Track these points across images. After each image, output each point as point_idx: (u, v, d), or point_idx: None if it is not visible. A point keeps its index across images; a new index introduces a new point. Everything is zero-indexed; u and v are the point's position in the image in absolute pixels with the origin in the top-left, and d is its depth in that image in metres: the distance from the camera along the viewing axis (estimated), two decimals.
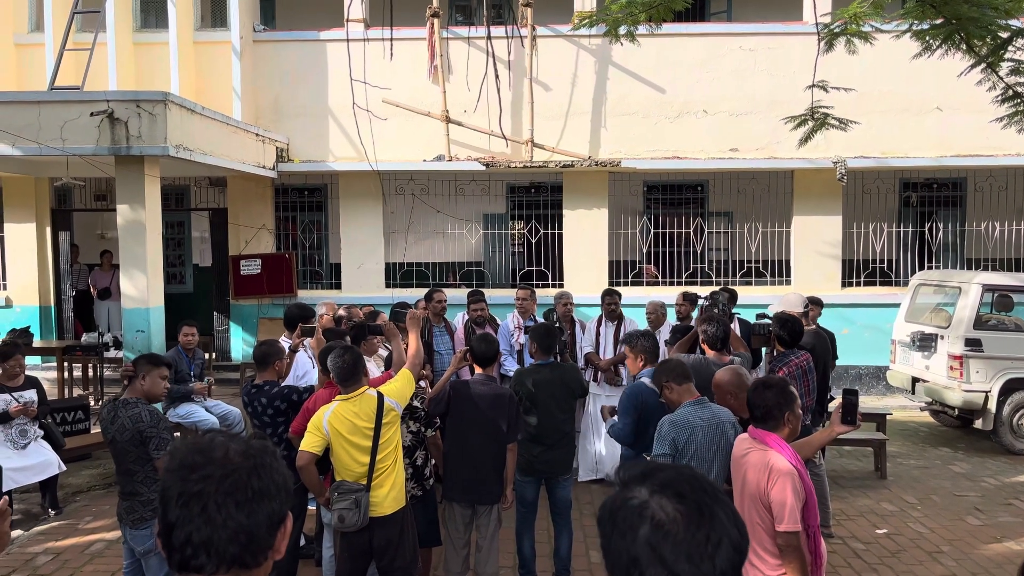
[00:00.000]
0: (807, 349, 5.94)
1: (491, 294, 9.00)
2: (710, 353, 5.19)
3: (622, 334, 7.49)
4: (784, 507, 3.09)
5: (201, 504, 1.29)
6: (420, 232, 11.89)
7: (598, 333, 7.56)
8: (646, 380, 4.73)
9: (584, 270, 11.39)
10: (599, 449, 7.36)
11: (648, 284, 11.69)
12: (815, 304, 7.47)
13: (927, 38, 6.44)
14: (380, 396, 4.17)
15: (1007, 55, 6.55)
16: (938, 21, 6.21)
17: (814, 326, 6.57)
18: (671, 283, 11.47)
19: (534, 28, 11.21)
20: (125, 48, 11.20)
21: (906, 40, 6.89)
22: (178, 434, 7.04)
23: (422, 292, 8.27)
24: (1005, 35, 6.29)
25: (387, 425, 4.14)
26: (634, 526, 1.20)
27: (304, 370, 5.85)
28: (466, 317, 7.52)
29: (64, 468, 6.58)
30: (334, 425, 4.08)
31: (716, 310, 5.84)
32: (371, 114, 11.09)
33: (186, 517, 1.30)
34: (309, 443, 4.11)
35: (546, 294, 10.18)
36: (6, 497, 1.78)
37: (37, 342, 10.59)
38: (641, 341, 5.11)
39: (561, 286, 11.06)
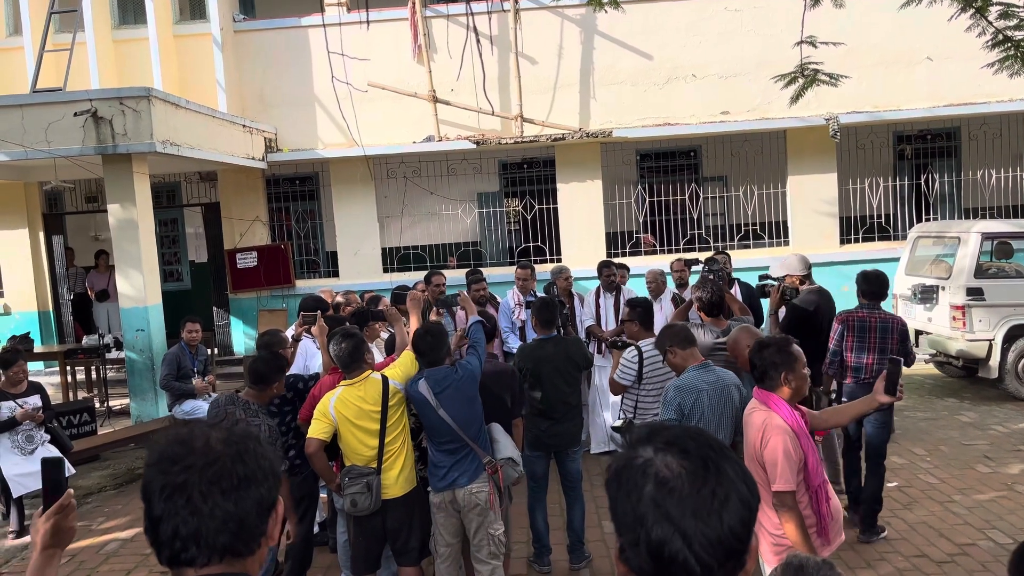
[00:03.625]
0: (812, 310, 5.91)
1: (489, 273, 8.97)
2: (706, 319, 5.14)
3: (622, 304, 7.47)
4: (775, 466, 3.08)
5: (186, 495, 1.26)
6: (414, 215, 11.83)
7: (598, 305, 7.55)
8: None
9: (581, 243, 11.34)
10: (609, 420, 7.36)
11: (646, 253, 11.65)
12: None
13: None
14: (384, 379, 4.16)
15: None
16: None
17: (816, 285, 6.54)
18: (669, 251, 11.42)
19: (517, 1, 11.08)
20: (105, 46, 11.06)
21: None
22: None
23: (420, 275, 8.23)
24: None
25: (394, 407, 4.14)
26: (639, 484, 1.18)
27: (311, 358, 5.85)
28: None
29: (73, 471, 6.59)
30: (340, 410, 4.08)
31: (712, 275, 5.80)
32: (352, 87, 10.94)
33: (171, 510, 1.26)
34: (316, 430, 4.11)
35: (544, 270, 10.14)
36: (71, 490, 1.76)
37: (38, 347, 10.56)
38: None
39: (559, 261, 11.01)
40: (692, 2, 11.35)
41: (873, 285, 5.56)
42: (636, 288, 7.94)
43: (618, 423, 4.70)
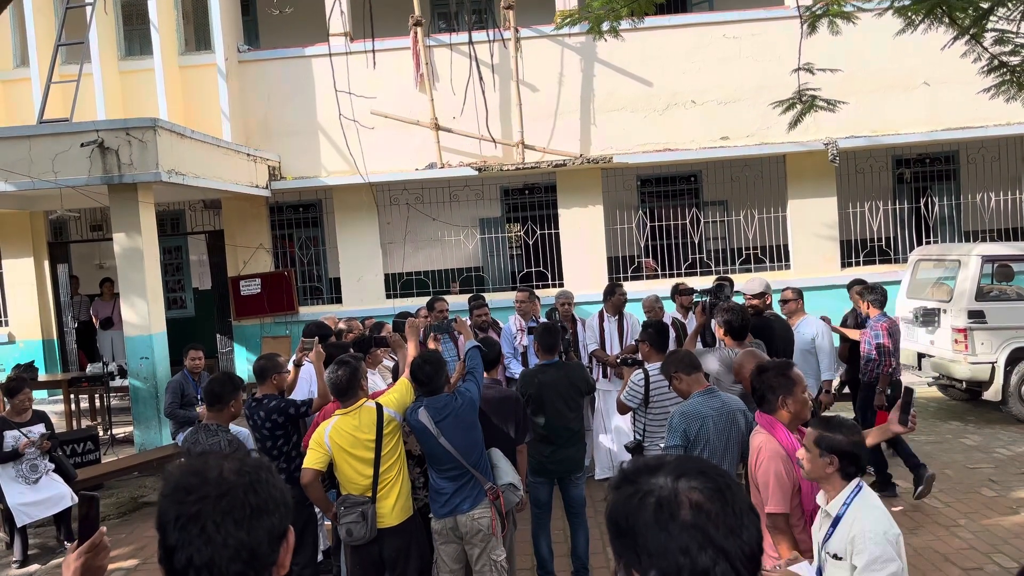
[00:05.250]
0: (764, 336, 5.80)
1: (492, 298, 9.01)
2: (729, 342, 5.13)
3: (625, 328, 7.49)
4: (767, 488, 3.11)
5: (199, 525, 1.29)
6: (417, 241, 11.90)
7: (602, 329, 7.53)
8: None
9: (583, 268, 11.39)
10: (613, 446, 7.34)
11: (648, 278, 11.69)
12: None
13: (909, 14, 6.46)
14: (379, 407, 4.17)
15: (990, 25, 6.56)
16: None
17: (772, 312, 6.46)
18: (670, 275, 11.47)
19: (517, 30, 11.23)
20: (111, 77, 11.22)
21: (888, 17, 6.89)
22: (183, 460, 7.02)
23: (423, 301, 8.27)
24: (987, 5, 6.29)
25: (388, 436, 4.14)
26: (674, 514, 1.18)
27: (315, 383, 5.87)
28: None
29: (77, 500, 6.58)
30: (335, 440, 4.09)
31: (719, 301, 5.80)
32: (358, 124, 11.07)
33: (185, 539, 1.29)
34: (312, 459, 4.11)
35: (548, 294, 10.18)
36: (103, 528, 1.78)
37: (42, 376, 10.59)
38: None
39: (561, 285, 11.06)
40: (691, 29, 11.49)
41: (883, 295, 6.75)
42: (634, 313, 7.95)
43: (629, 444, 4.72)
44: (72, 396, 10.20)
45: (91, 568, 1.74)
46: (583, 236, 11.44)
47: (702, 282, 9.05)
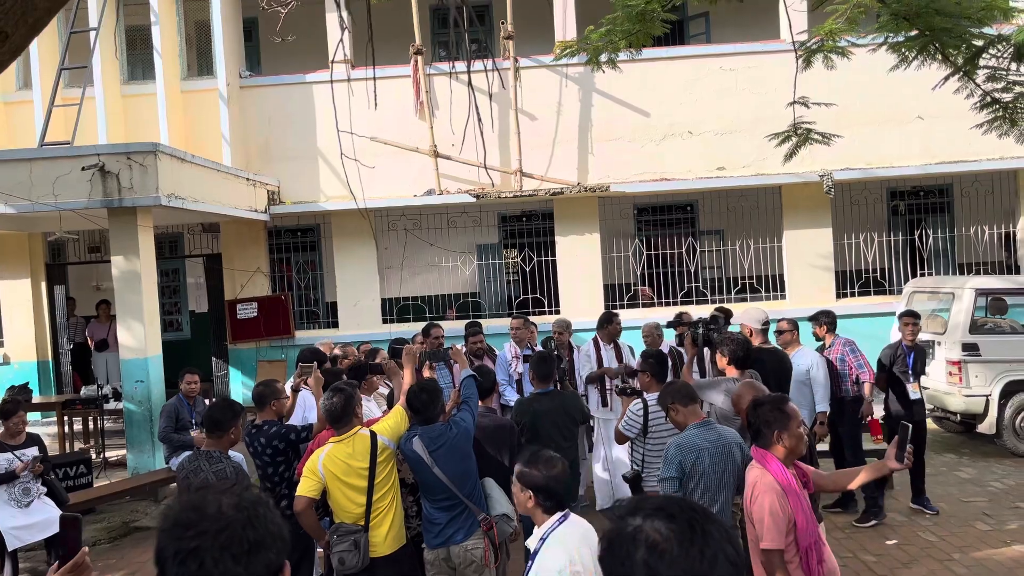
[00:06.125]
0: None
1: (488, 324, 9.03)
2: (731, 371, 5.13)
3: (624, 354, 7.48)
4: (762, 524, 3.10)
5: (198, 561, 1.31)
6: (414, 266, 11.94)
7: (599, 357, 7.46)
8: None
9: (580, 295, 11.43)
10: (599, 472, 7.28)
11: (644, 306, 11.72)
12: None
13: (903, 50, 6.55)
14: (373, 435, 4.17)
15: (982, 62, 6.66)
16: (912, 33, 6.31)
17: (770, 345, 6.48)
18: (667, 304, 11.51)
19: (517, 60, 11.36)
20: (113, 101, 11.31)
21: (883, 53, 6.99)
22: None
23: (419, 326, 8.28)
24: (979, 43, 6.40)
25: (382, 464, 4.14)
26: (631, 552, 1.22)
27: (310, 409, 5.87)
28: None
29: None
30: (328, 467, 4.08)
31: (700, 331, 5.82)
32: (359, 163, 11.13)
33: (185, 574, 1.31)
34: (305, 487, 4.11)
35: (544, 321, 10.20)
36: (86, 548, 1.79)
37: (36, 398, 10.56)
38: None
39: (558, 313, 11.09)
40: (688, 62, 11.63)
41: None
42: (630, 341, 7.95)
43: (627, 474, 4.73)
44: (66, 418, 10.16)
45: None
46: (580, 264, 11.49)
47: (698, 311, 9.07)
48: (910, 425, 3.34)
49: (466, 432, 4.21)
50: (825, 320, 7.30)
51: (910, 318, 7.29)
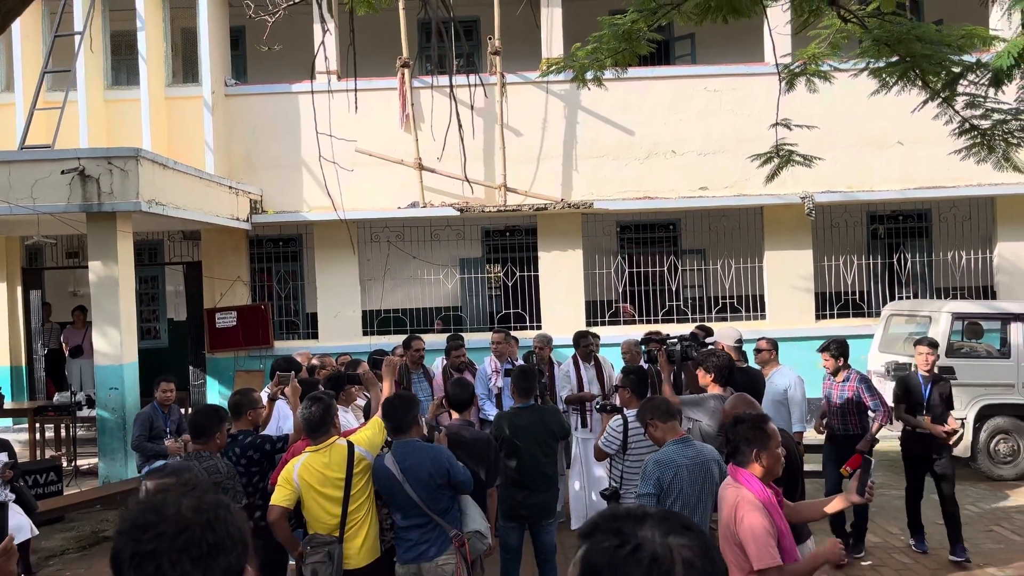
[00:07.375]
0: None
1: (470, 338, 9.00)
2: (713, 388, 5.11)
3: (605, 371, 7.47)
4: (754, 544, 3.00)
5: (155, 564, 1.28)
6: (396, 279, 11.90)
7: (579, 376, 7.43)
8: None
9: (561, 311, 11.43)
10: (590, 495, 7.22)
11: (625, 323, 11.75)
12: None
13: (883, 76, 6.64)
14: (350, 446, 4.13)
15: (961, 89, 6.76)
16: (893, 59, 6.39)
17: (745, 365, 6.45)
18: (647, 321, 11.54)
19: (503, 75, 11.40)
20: (96, 105, 11.22)
21: (864, 77, 7.08)
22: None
23: (400, 339, 8.25)
24: (958, 70, 6.50)
25: (358, 475, 4.10)
26: (667, 569, 1.18)
27: (285, 419, 5.81)
28: (444, 362, 7.49)
29: (37, 532, 6.40)
30: (304, 477, 4.04)
31: (677, 348, 5.83)
32: (338, 166, 11.07)
33: None
34: (279, 497, 4.06)
35: (526, 336, 10.18)
36: (11, 535, 1.76)
37: (8, 403, 10.39)
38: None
39: (539, 328, 11.09)
40: (673, 82, 11.73)
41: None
42: (609, 358, 7.95)
43: (605, 490, 4.71)
44: (37, 425, 10.00)
45: (1, 572, 1.72)
46: (562, 279, 11.51)
47: (679, 329, 9.09)
48: (872, 460, 3.38)
49: (448, 461, 4.17)
50: (836, 351, 6.73)
51: (926, 347, 6.65)
